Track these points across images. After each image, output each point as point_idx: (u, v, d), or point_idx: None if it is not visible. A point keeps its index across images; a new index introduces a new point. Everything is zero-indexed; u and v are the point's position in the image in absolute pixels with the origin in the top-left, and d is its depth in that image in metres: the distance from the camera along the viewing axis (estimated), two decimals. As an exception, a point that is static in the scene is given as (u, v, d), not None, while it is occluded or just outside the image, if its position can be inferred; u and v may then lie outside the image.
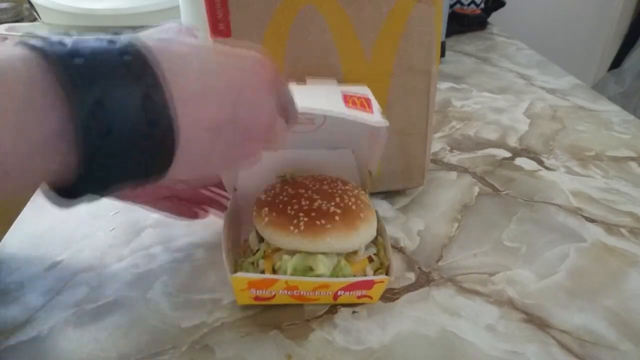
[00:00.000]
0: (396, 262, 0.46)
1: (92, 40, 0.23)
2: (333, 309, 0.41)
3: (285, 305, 0.41)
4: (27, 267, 0.45)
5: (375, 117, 0.39)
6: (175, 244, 0.48)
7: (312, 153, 0.47)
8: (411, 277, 0.45)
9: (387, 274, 0.40)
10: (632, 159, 0.65)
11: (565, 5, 1.64)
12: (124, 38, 0.24)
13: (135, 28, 0.45)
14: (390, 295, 0.42)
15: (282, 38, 0.43)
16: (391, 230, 0.50)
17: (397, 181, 0.52)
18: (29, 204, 0.53)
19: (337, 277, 0.39)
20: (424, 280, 0.44)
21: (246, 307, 0.41)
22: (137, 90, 0.23)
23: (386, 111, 0.45)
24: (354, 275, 0.39)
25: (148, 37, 0.26)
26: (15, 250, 0.47)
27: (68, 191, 0.24)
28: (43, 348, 0.37)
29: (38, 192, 0.24)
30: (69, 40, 0.23)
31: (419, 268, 0.46)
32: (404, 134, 0.48)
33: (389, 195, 0.56)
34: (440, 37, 0.48)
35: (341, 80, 0.45)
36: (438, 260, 0.47)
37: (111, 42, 0.24)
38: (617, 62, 1.68)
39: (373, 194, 0.56)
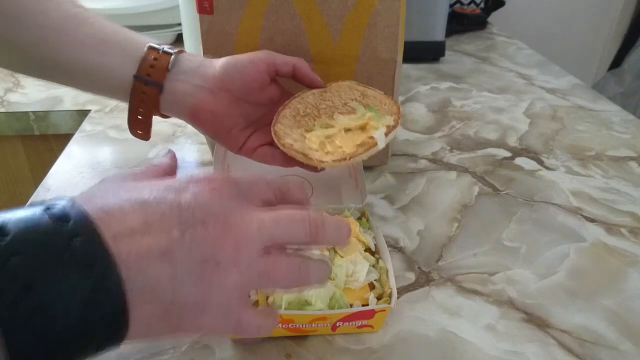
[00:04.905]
0: (396, 262, 0.46)
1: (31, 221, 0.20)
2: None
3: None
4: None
5: None
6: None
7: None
8: (411, 277, 0.45)
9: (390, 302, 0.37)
10: (632, 159, 0.65)
11: (565, 6, 1.64)
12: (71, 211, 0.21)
13: (135, 28, 0.44)
14: (390, 295, 0.42)
15: (258, 19, 0.49)
16: (391, 230, 0.50)
17: None
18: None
19: (333, 308, 0.37)
20: (424, 280, 0.44)
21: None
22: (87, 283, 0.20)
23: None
24: (352, 305, 0.37)
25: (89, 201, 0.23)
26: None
27: None
28: (43, 348, 0.37)
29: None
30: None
31: (419, 268, 0.46)
32: None
33: (389, 195, 0.56)
34: (404, 29, 0.53)
35: (310, 61, 0.49)
36: (438, 260, 0.47)
37: (58, 219, 0.21)
38: (617, 62, 1.68)
39: (372, 194, 0.56)
